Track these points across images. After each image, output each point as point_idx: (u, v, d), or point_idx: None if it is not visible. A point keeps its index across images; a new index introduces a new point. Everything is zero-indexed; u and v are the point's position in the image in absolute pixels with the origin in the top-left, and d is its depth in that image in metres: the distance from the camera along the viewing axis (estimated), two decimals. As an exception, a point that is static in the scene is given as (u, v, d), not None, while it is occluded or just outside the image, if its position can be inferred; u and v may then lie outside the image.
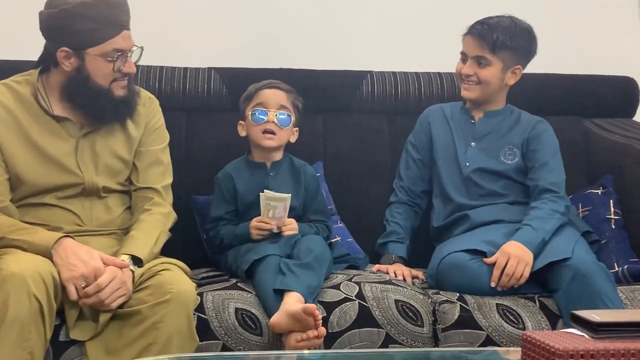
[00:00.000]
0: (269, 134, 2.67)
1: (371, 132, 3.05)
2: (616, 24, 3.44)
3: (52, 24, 2.37)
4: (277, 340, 2.34)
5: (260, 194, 2.58)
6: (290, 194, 2.59)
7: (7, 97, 2.42)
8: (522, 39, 2.76)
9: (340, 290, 2.46)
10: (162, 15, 3.20)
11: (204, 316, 2.34)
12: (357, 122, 3.06)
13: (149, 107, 2.57)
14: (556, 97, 3.15)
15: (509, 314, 2.46)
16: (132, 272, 2.30)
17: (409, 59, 3.20)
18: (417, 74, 3.11)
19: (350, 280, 2.51)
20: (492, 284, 2.51)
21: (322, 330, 2.28)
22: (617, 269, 2.70)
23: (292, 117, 2.71)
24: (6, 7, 3.12)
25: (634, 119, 3.23)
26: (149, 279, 2.30)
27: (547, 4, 3.37)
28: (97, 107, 2.42)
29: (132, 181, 2.53)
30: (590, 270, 2.45)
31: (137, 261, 2.34)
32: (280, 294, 2.34)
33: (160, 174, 2.55)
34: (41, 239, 2.27)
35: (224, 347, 2.34)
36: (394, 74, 3.10)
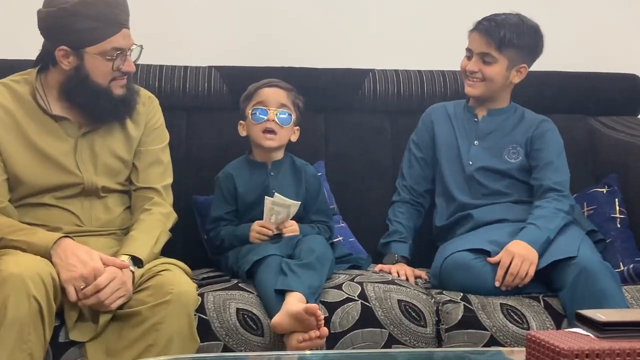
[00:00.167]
0: (270, 133, 2.66)
1: (373, 131, 3.04)
2: (621, 21, 3.43)
3: (50, 23, 2.36)
4: (278, 340, 2.34)
5: (265, 198, 2.57)
6: (299, 202, 2.58)
7: (5, 97, 2.41)
8: (529, 37, 2.74)
9: (342, 290, 2.45)
10: (162, 13, 3.19)
11: (204, 317, 2.33)
12: (359, 121, 3.05)
13: (149, 107, 2.56)
14: (560, 95, 3.14)
15: (513, 314, 2.45)
16: (132, 272, 2.29)
17: (411, 57, 3.20)
18: (419, 72, 3.10)
19: (352, 280, 2.50)
20: (496, 284, 2.50)
21: (324, 330, 2.27)
22: (622, 268, 2.69)
23: (293, 116, 2.70)
24: (4, 6, 3.12)
25: (639, 116, 3.22)
26: (149, 279, 2.29)
27: (551, 1, 3.35)
28: (96, 107, 2.41)
29: (132, 181, 2.52)
30: (595, 269, 2.44)
31: (137, 262, 2.33)
32: (281, 294, 2.34)
33: (160, 173, 2.54)
34: (40, 240, 2.27)
35: (225, 348, 2.33)
36: (396, 72, 3.09)
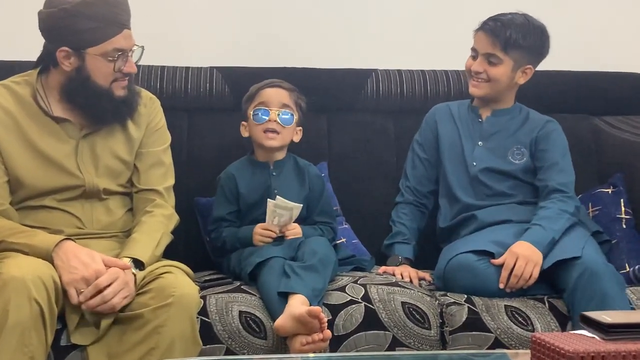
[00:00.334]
0: (272, 133, 2.65)
1: (376, 132, 3.03)
2: (626, 20, 3.41)
3: (51, 24, 2.36)
4: (281, 343, 2.33)
5: (268, 201, 2.56)
6: (301, 205, 2.58)
7: (6, 99, 2.41)
8: (535, 38, 2.73)
9: (345, 292, 2.44)
10: (163, 14, 3.18)
11: (207, 320, 2.33)
12: (362, 122, 3.04)
13: (150, 108, 2.56)
14: (565, 95, 3.13)
15: (517, 316, 2.44)
16: (134, 275, 2.28)
17: (414, 57, 3.18)
18: (422, 71, 3.09)
19: (356, 282, 2.50)
20: (501, 286, 2.49)
21: (328, 333, 2.27)
22: (628, 270, 2.68)
23: (295, 116, 2.69)
24: (5, 7, 3.11)
25: (644, 116, 3.21)
26: (151, 282, 2.29)
27: (556, 0, 3.34)
28: (97, 108, 2.41)
29: (134, 183, 2.52)
30: (599, 270, 2.42)
31: (138, 264, 2.32)
32: (284, 296, 2.33)
33: (161, 175, 2.53)
34: (42, 242, 2.26)
35: (228, 351, 2.32)
36: (399, 72, 3.08)
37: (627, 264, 2.70)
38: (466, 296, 2.48)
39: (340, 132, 3.02)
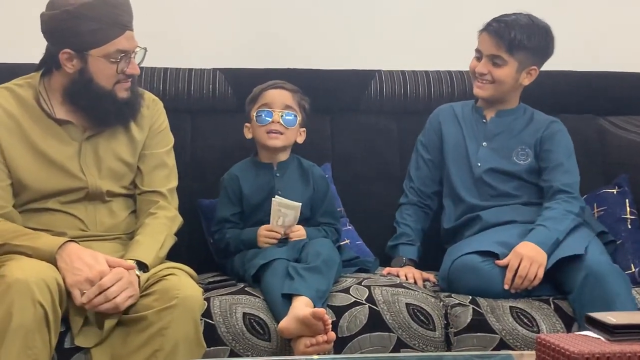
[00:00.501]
0: (275, 133, 2.65)
1: (380, 133, 3.03)
2: (630, 20, 3.40)
3: (53, 26, 2.35)
4: (286, 345, 2.32)
5: (272, 199, 2.56)
6: (300, 203, 2.57)
7: (9, 101, 2.41)
8: (540, 38, 2.72)
9: (350, 294, 2.43)
10: (166, 16, 3.18)
11: (211, 322, 2.32)
12: (366, 123, 3.04)
13: (153, 110, 2.56)
14: (570, 95, 3.12)
15: (522, 317, 2.43)
16: (138, 277, 2.27)
17: (418, 58, 3.18)
18: (426, 72, 3.09)
19: (360, 283, 2.49)
20: (505, 287, 2.49)
21: (332, 335, 2.26)
22: (633, 270, 2.67)
23: (298, 117, 2.69)
24: (7, 9, 3.11)
25: (650, 116, 3.20)
26: (154, 284, 2.28)
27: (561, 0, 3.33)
28: (100, 110, 2.41)
29: (137, 185, 2.51)
30: (604, 271, 2.42)
31: (142, 266, 2.31)
32: (288, 298, 2.32)
33: (165, 177, 2.53)
34: (45, 244, 2.26)
35: (232, 353, 2.32)
36: (403, 73, 3.08)
37: (632, 265, 2.68)
38: (471, 297, 2.47)
39: (343, 133, 3.01)
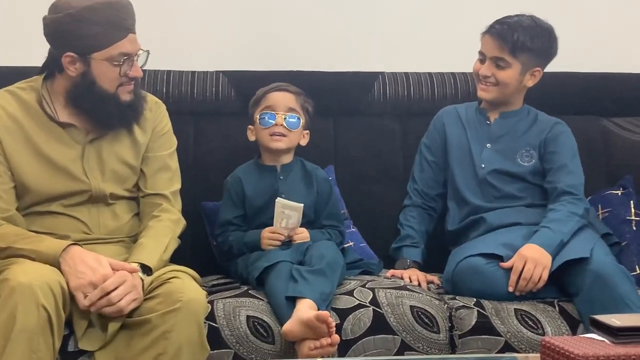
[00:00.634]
0: (278, 136, 2.64)
1: (383, 135, 3.02)
2: (634, 20, 3.39)
3: (56, 29, 2.35)
4: (290, 348, 2.32)
5: (276, 200, 2.55)
6: (302, 204, 2.56)
7: (12, 105, 2.41)
8: (543, 40, 2.72)
9: (353, 296, 2.43)
10: (169, 19, 3.18)
11: (214, 324, 2.32)
12: (369, 125, 3.03)
13: (156, 112, 2.55)
14: (574, 96, 3.11)
15: (527, 319, 2.43)
16: (142, 280, 2.27)
17: (421, 59, 3.18)
18: (430, 74, 3.08)
19: (364, 286, 2.49)
20: (510, 289, 2.48)
21: (336, 337, 2.26)
22: (638, 271, 2.67)
23: (302, 120, 2.68)
24: (10, 12, 3.11)
25: (654, 118, 3.19)
26: (158, 287, 2.28)
27: (564, 1, 3.32)
28: (103, 113, 2.40)
29: (140, 187, 2.51)
30: (610, 272, 2.41)
31: (146, 269, 2.31)
32: (292, 301, 2.32)
33: (168, 179, 2.52)
34: (48, 248, 2.25)
35: (236, 356, 2.32)
36: (406, 74, 3.07)
37: (637, 266, 2.68)
38: (475, 299, 2.47)
39: (347, 135, 3.01)
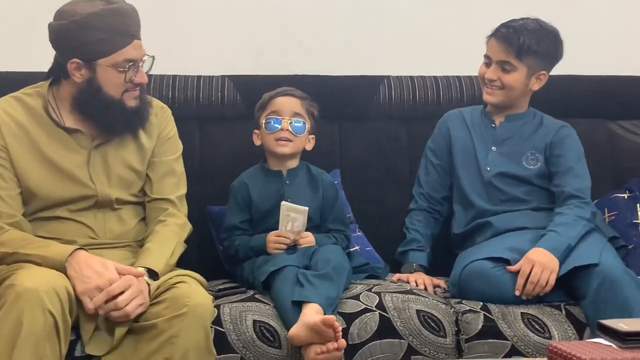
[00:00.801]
0: (284, 141, 2.64)
1: (389, 139, 3.02)
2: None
3: (61, 36, 2.35)
4: (296, 352, 2.32)
5: (281, 204, 2.55)
6: (307, 208, 2.56)
7: (18, 111, 2.41)
8: (549, 43, 2.71)
9: (360, 300, 2.43)
10: (174, 24, 3.18)
11: (221, 329, 2.32)
12: (375, 129, 3.03)
13: (161, 117, 2.56)
14: (580, 99, 3.11)
15: (534, 323, 2.42)
16: (148, 285, 2.27)
17: (426, 63, 3.18)
18: (435, 78, 3.08)
19: (370, 290, 2.48)
20: (517, 293, 2.47)
21: (342, 342, 2.26)
22: (645, 275, 2.65)
23: (307, 125, 2.69)
24: (17, 19, 3.11)
25: (660, 120, 3.18)
26: (164, 292, 2.28)
27: (570, 4, 3.32)
28: (109, 119, 2.41)
29: (146, 192, 2.52)
30: (618, 276, 2.40)
31: (152, 274, 2.31)
32: (298, 305, 2.32)
33: (174, 184, 2.53)
34: (54, 253, 2.26)
35: (242, 361, 2.32)
36: (412, 78, 3.07)
37: (644, 270, 2.67)
38: (482, 303, 2.46)
39: (352, 139, 3.01)
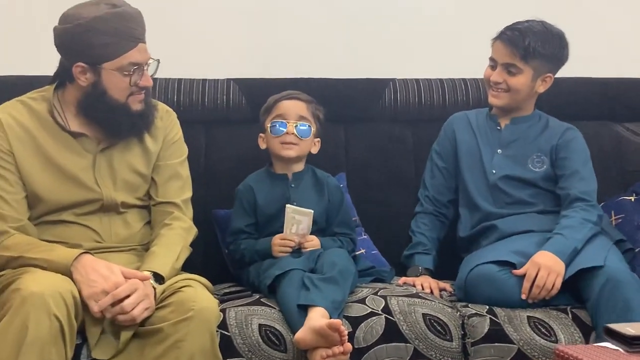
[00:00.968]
0: (289, 144, 2.64)
1: (394, 141, 3.02)
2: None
3: (66, 39, 2.36)
4: (302, 356, 2.31)
5: (286, 206, 2.55)
6: (312, 210, 2.56)
7: (23, 115, 2.41)
8: (555, 45, 2.70)
9: (365, 304, 2.42)
10: (179, 27, 3.18)
11: (227, 333, 2.31)
12: (380, 132, 3.02)
13: (167, 121, 2.56)
14: (586, 102, 3.10)
15: (540, 327, 2.41)
16: (154, 288, 2.27)
17: (432, 66, 3.17)
18: (440, 80, 3.08)
19: (376, 294, 2.48)
20: (523, 296, 2.46)
21: (348, 346, 2.25)
22: (652, 278, 2.64)
23: (313, 128, 2.68)
24: (22, 23, 3.12)
25: (666, 122, 3.17)
26: (170, 295, 2.27)
27: (576, 5, 3.32)
28: (114, 122, 2.41)
29: (152, 196, 2.52)
30: (622, 279, 2.39)
31: (158, 278, 2.31)
32: (304, 309, 2.31)
33: (179, 188, 2.53)
34: (60, 257, 2.26)
35: (248, 365, 2.31)
36: (417, 81, 3.07)
37: (650, 273, 2.66)
38: (488, 307, 2.45)
39: (358, 142, 3.00)
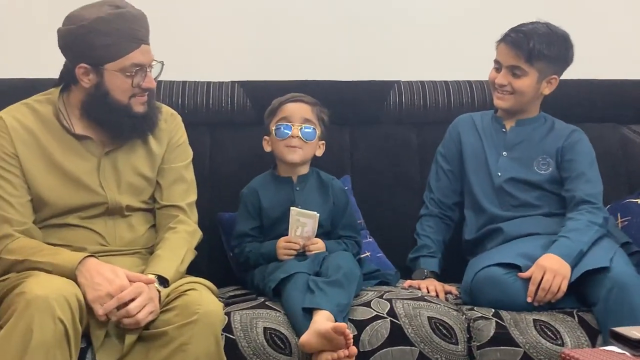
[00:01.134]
0: (294, 147, 2.63)
1: (399, 144, 3.02)
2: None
3: (70, 40, 2.36)
4: (307, 360, 2.30)
5: (291, 209, 2.55)
6: (317, 213, 2.55)
7: (28, 118, 2.41)
8: (559, 47, 2.70)
9: (371, 307, 2.42)
10: (184, 29, 3.18)
11: (231, 336, 2.31)
12: (385, 134, 3.02)
13: (171, 124, 2.56)
14: (592, 104, 3.10)
15: (546, 330, 2.40)
16: (159, 292, 2.27)
17: (437, 68, 3.16)
18: (446, 82, 3.07)
19: (381, 297, 2.47)
20: (529, 299, 2.46)
21: (353, 349, 2.25)
22: (659, 281, 2.62)
23: (317, 131, 2.68)
24: (25, 25, 3.12)
25: (673, 124, 3.16)
26: (175, 299, 2.27)
27: (581, 7, 3.31)
28: (116, 124, 2.41)
29: (156, 199, 2.51)
30: (628, 282, 2.39)
31: (163, 281, 2.31)
32: (309, 312, 2.31)
33: (184, 191, 2.53)
34: (65, 260, 2.25)
35: (253, 368, 2.31)
36: (422, 83, 3.06)
37: (657, 275, 2.65)
38: (494, 310, 2.45)
39: (363, 144, 3.00)
